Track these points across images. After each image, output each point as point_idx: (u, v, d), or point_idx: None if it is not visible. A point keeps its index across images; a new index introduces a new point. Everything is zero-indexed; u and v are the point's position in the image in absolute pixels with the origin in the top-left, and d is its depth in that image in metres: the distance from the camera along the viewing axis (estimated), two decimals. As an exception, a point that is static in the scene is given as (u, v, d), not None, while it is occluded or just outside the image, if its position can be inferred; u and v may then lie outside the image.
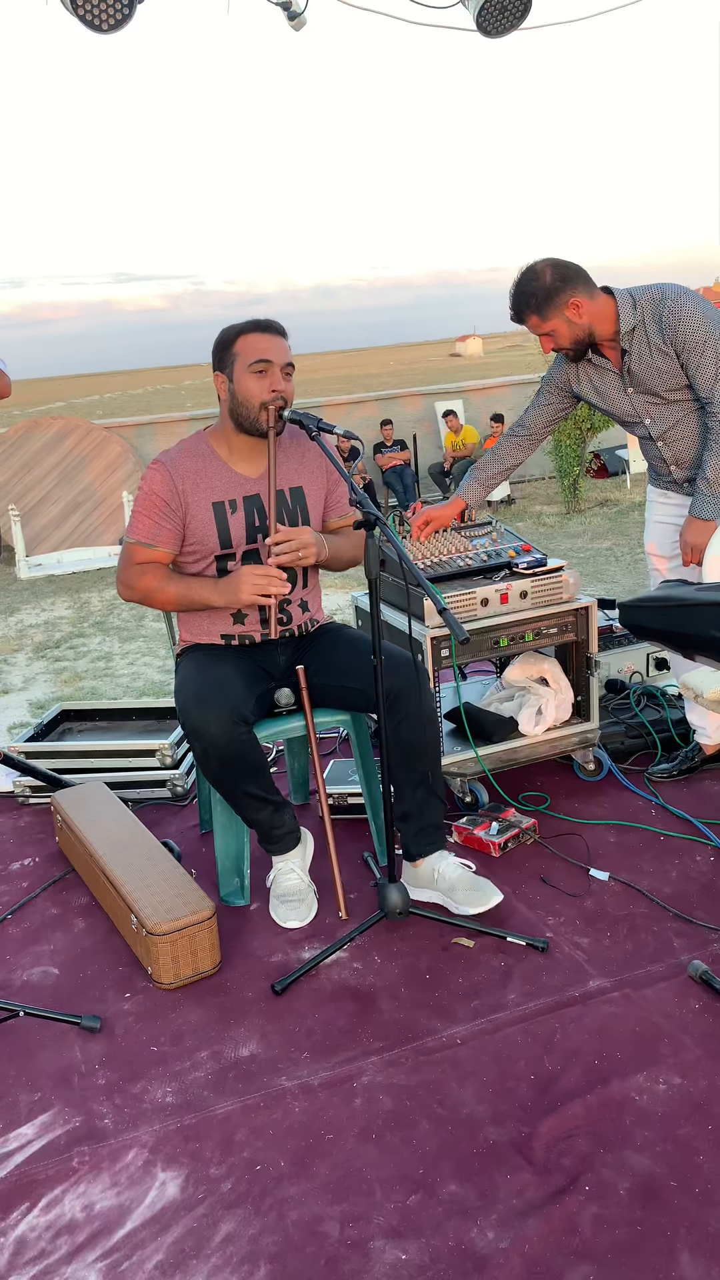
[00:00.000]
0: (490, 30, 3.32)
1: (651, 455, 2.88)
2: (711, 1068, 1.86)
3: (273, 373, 2.35)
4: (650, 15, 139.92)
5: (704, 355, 2.55)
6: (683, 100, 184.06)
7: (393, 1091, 1.88)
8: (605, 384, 2.79)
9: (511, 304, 2.68)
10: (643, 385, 2.70)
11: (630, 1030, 1.98)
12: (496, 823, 2.75)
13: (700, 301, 2.59)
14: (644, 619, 1.77)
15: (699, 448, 2.72)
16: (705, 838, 2.66)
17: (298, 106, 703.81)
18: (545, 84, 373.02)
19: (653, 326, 2.60)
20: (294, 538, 2.37)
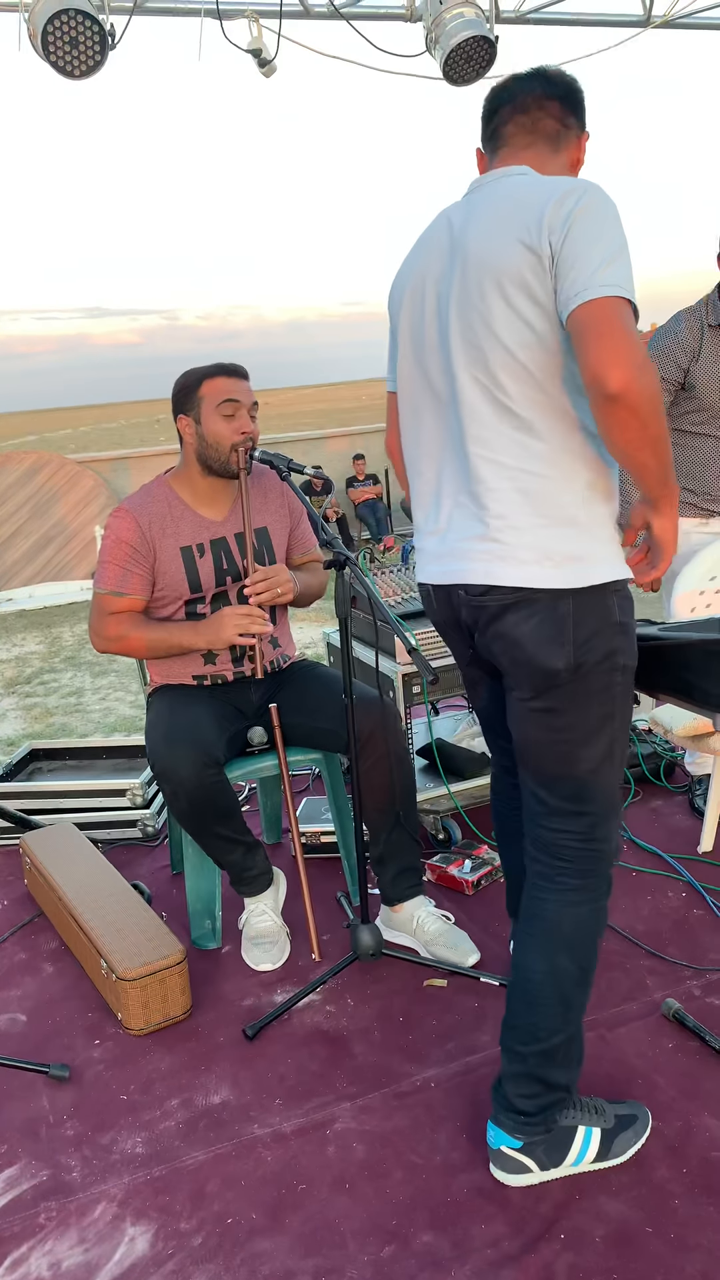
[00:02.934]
0: (456, 79, 3.39)
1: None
2: (685, 1108, 1.85)
3: (241, 414, 2.36)
4: (608, 65, 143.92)
5: None
6: (642, 141, 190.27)
7: (366, 1138, 1.85)
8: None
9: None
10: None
11: (604, 1071, 1.97)
12: (470, 860, 2.75)
13: None
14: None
15: None
16: (676, 873, 2.67)
17: (269, 145, 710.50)
18: None
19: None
20: (272, 575, 2.38)
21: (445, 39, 3.29)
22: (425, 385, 1.68)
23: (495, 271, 1.50)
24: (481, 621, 1.63)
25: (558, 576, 1.54)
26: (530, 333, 1.49)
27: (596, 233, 1.43)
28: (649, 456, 1.46)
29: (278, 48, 3.35)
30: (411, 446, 1.76)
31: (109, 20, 3.29)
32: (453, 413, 1.62)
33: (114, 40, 3.31)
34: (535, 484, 1.55)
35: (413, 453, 1.76)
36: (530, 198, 1.49)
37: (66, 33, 3.18)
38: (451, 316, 1.58)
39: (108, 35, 3.27)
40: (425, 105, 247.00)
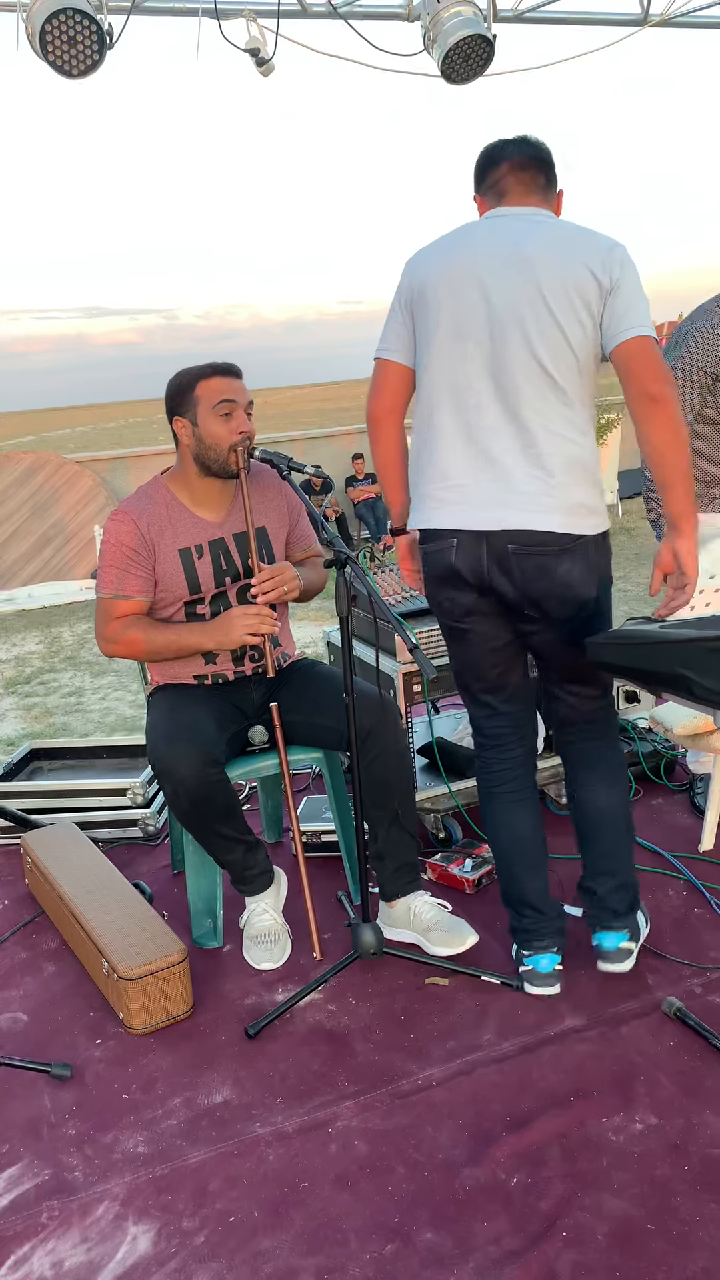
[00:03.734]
0: (454, 77, 3.39)
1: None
2: (687, 1106, 1.85)
3: (238, 413, 2.36)
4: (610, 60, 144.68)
5: None
6: (650, 134, 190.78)
7: (368, 1137, 1.85)
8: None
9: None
10: None
11: (606, 1069, 1.97)
12: (470, 859, 2.75)
13: None
14: (610, 656, 1.78)
15: None
16: (677, 871, 2.67)
17: (267, 144, 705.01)
18: (514, 122, 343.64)
19: None
20: (278, 573, 2.39)
21: (443, 38, 3.29)
22: (475, 360, 1.97)
23: (567, 284, 1.90)
24: (527, 567, 1.98)
25: (591, 525, 1.98)
26: (583, 332, 1.92)
27: (638, 285, 1.92)
28: (680, 456, 1.87)
29: (275, 47, 3.36)
30: (445, 412, 2.02)
31: (107, 20, 3.29)
32: (511, 386, 1.95)
33: (112, 40, 3.31)
34: (575, 451, 1.95)
35: (444, 417, 2.02)
36: (587, 238, 1.93)
37: (64, 32, 3.18)
38: (520, 309, 1.92)
39: (105, 34, 3.27)
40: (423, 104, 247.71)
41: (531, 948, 2.21)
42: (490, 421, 1.97)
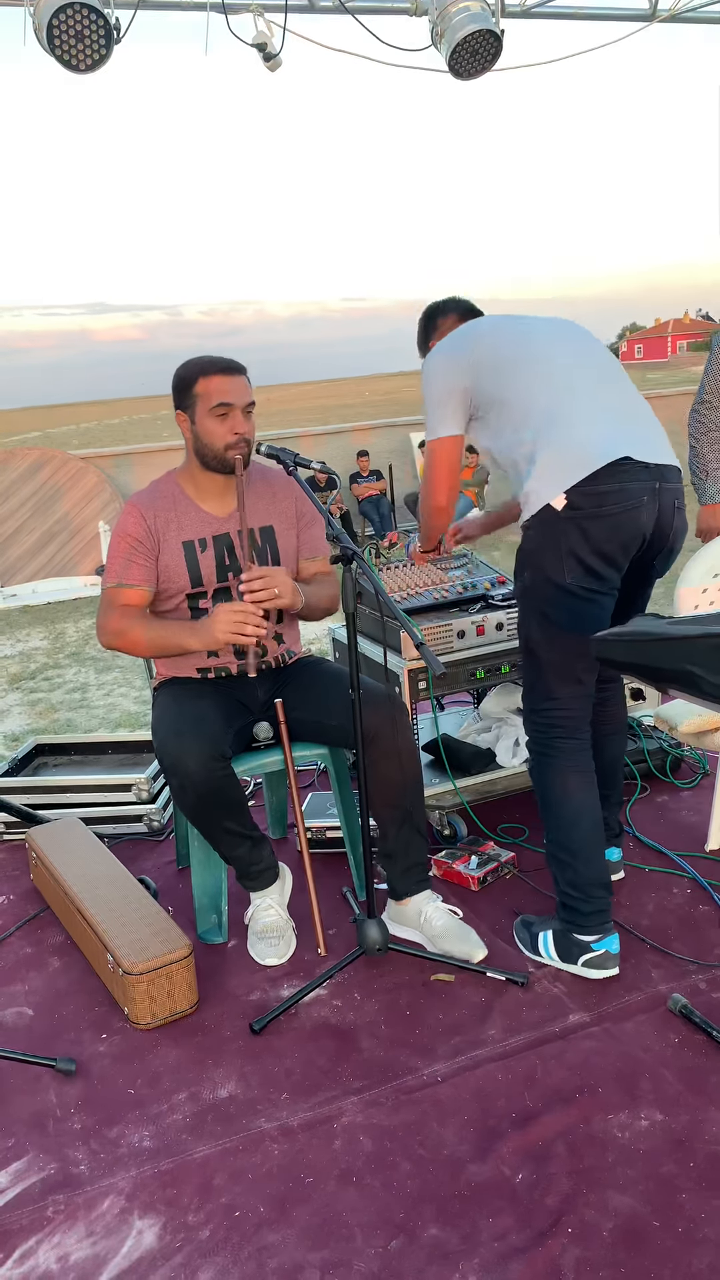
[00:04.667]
0: (462, 72, 3.38)
1: None
2: (692, 1102, 1.85)
3: (234, 415, 2.35)
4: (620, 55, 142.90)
5: None
6: (653, 131, 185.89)
7: (373, 1132, 1.86)
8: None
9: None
10: None
11: (611, 1065, 1.97)
12: (476, 856, 2.75)
13: None
14: (616, 653, 1.77)
15: None
16: (681, 870, 2.66)
17: (273, 140, 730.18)
18: (518, 119, 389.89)
19: None
20: (267, 574, 2.34)
21: (451, 33, 3.28)
22: (582, 369, 2.25)
23: (597, 342, 2.37)
24: (678, 500, 2.19)
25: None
26: None
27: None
28: None
29: (283, 41, 3.35)
30: (572, 393, 2.21)
31: (114, 14, 3.28)
32: (612, 374, 2.29)
33: (119, 34, 3.31)
34: None
35: (573, 396, 2.21)
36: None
37: (71, 27, 3.18)
38: (600, 350, 2.35)
39: (113, 29, 3.26)
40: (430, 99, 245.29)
41: (603, 930, 2.22)
42: (613, 401, 2.39)
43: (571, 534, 2.10)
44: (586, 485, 2.09)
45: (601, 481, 2.08)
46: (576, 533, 2.10)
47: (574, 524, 2.10)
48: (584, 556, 2.11)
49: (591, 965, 2.21)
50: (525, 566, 2.23)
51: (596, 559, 2.11)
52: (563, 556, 2.12)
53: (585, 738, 2.29)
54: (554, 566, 2.14)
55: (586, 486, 2.09)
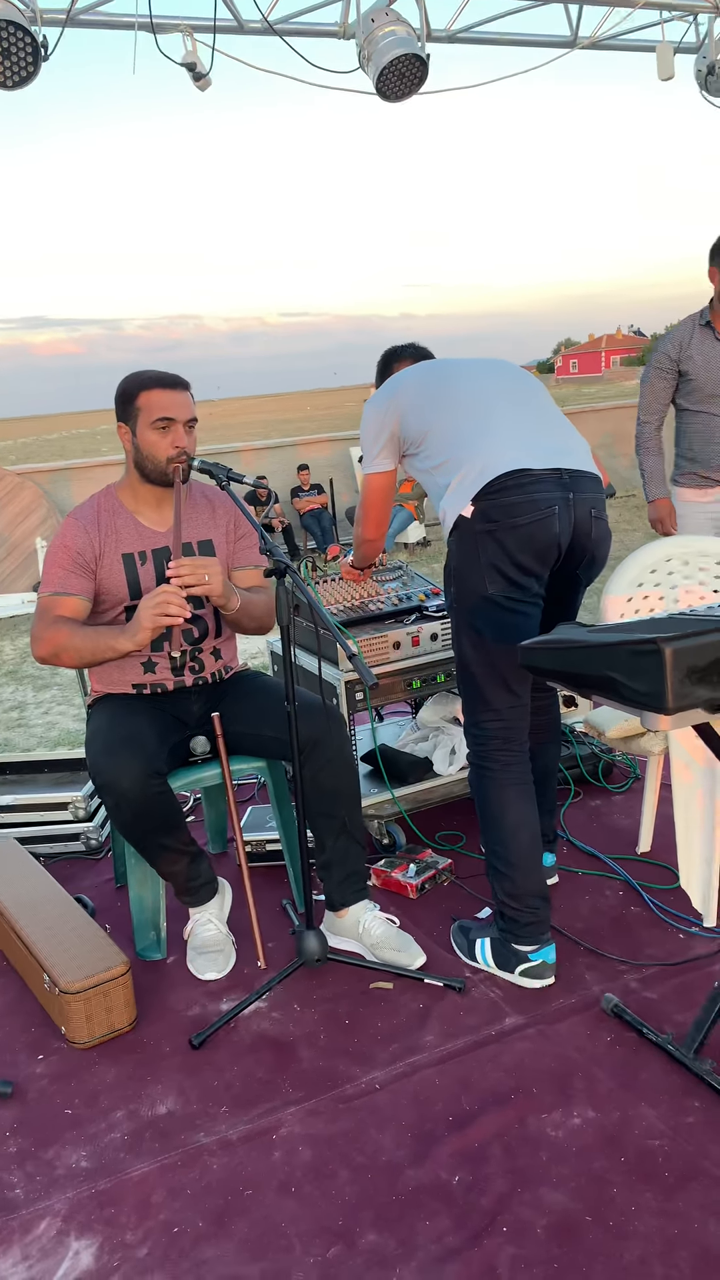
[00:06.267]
0: (390, 95, 3.44)
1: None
2: (624, 1099, 1.89)
3: (175, 429, 2.37)
4: (545, 80, 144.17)
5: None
6: (583, 151, 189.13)
7: (312, 1142, 1.87)
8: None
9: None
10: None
11: (545, 1066, 2.00)
12: (414, 864, 2.78)
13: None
14: (542, 661, 1.81)
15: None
16: (613, 872, 2.72)
17: (211, 154, 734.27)
18: (450, 138, 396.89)
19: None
20: (197, 561, 2.29)
21: (378, 56, 3.34)
22: (495, 396, 2.35)
23: (522, 373, 2.48)
24: (596, 509, 2.26)
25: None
26: None
27: None
28: None
29: (212, 62, 3.38)
30: (484, 417, 2.30)
31: (41, 32, 3.28)
32: (528, 397, 2.40)
33: (47, 51, 3.31)
34: None
35: (483, 420, 2.30)
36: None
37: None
38: (518, 377, 2.45)
39: (40, 46, 3.26)
40: (366, 116, 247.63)
41: (539, 940, 2.26)
42: (531, 418, 2.51)
43: (489, 547, 2.16)
44: (494, 497, 2.16)
45: (510, 493, 2.15)
46: (493, 545, 2.16)
47: (490, 536, 2.16)
48: (503, 568, 2.16)
49: (528, 975, 2.25)
50: (450, 582, 2.29)
51: (515, 569, 2.16)
52: (483, 569, 2.18)
53: (523, 749, 2.33)
54: (476, 579, 2.19)
55: (495, 498, 2.16)
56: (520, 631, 2.19)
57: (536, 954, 2.25)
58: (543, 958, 2.25)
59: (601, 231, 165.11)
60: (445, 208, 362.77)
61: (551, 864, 2.67)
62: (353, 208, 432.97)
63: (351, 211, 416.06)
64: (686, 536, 2.93)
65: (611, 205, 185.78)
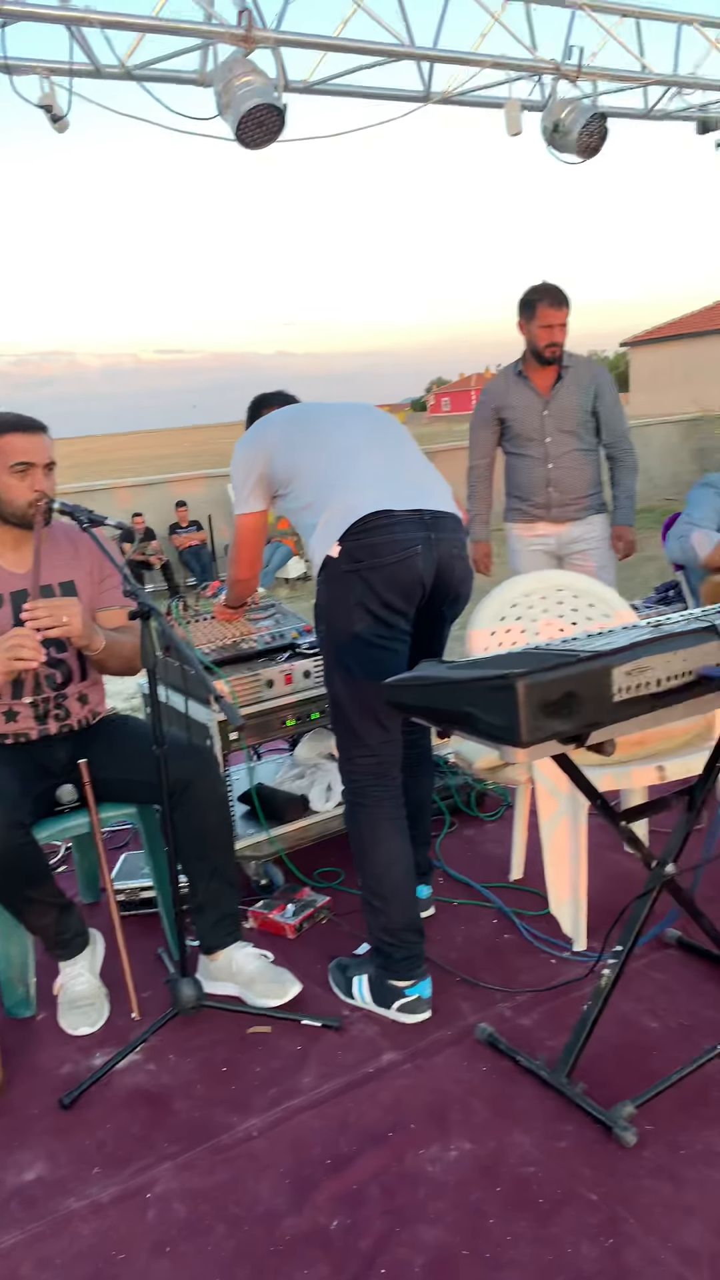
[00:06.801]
0: (249, 142, 3.50)
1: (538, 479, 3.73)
2: (499, 1128, 1.92)
3: (34, 473, 2.33)
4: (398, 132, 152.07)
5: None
6: (450, 196, 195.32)
7: (187, 1197, 1.82)
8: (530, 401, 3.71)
9: (564, 295, 3.61)
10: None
11: (422, 1101, 2.01)
12: (292, 904, 2.76)
13: None
14: (405, 697, 1.85)
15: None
16: (488, 901, 2.77)
17: (82, 190, 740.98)
18: (324, 181, 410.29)
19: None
20: (54, 603, 2.26)
21: (236, 105, 3.40)
22: (359, 439, 2.41)
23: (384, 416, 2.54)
24: (457, 548, 2.31)
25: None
26: None
27: None
28: None
29: (69, 104, 3.37)
30: (348, 460, 2.35)
31: None
32: (391, 440, 2.46)
33: None
34: None
35: (348, 463, 2.35)
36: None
37: None
38: (381, 422, 2.51)
39: None
40: (239, 160, 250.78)
41: (414, 975, 2.27)
42: (392, 457, 2.59)
43: (356, 586, 2.20)
44: (359, 538, 2.20)
45: (374, 534, 2.19)
46: (360, 584, 2.20)
47: (356, 576, 2.20)
48: (370, 606, 2.20)
49: (405, 1010, 2.27)
50: (320, 620, 2.31)
51: (382, 608, 2.20)
52: (351, 608, 2.21)
53: (396, 783, 2.36)
54: (345, 618, 2.22)
55: (360, 539, 2.20)
56: (389, 668, 2.23)
57: (413, 989, 2.27)
58: (419, 992, 2.27)
59: (468, 274, 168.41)
60: (321, 249, 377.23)
61: (427, 896, 2.70)
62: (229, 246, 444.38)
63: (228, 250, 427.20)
64: (546, 571, 3.04)
65: (479, 249, 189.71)
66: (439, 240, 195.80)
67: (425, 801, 2.65)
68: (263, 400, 2.81)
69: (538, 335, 3.62)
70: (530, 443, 3.74)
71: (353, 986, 2.36)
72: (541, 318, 3.59)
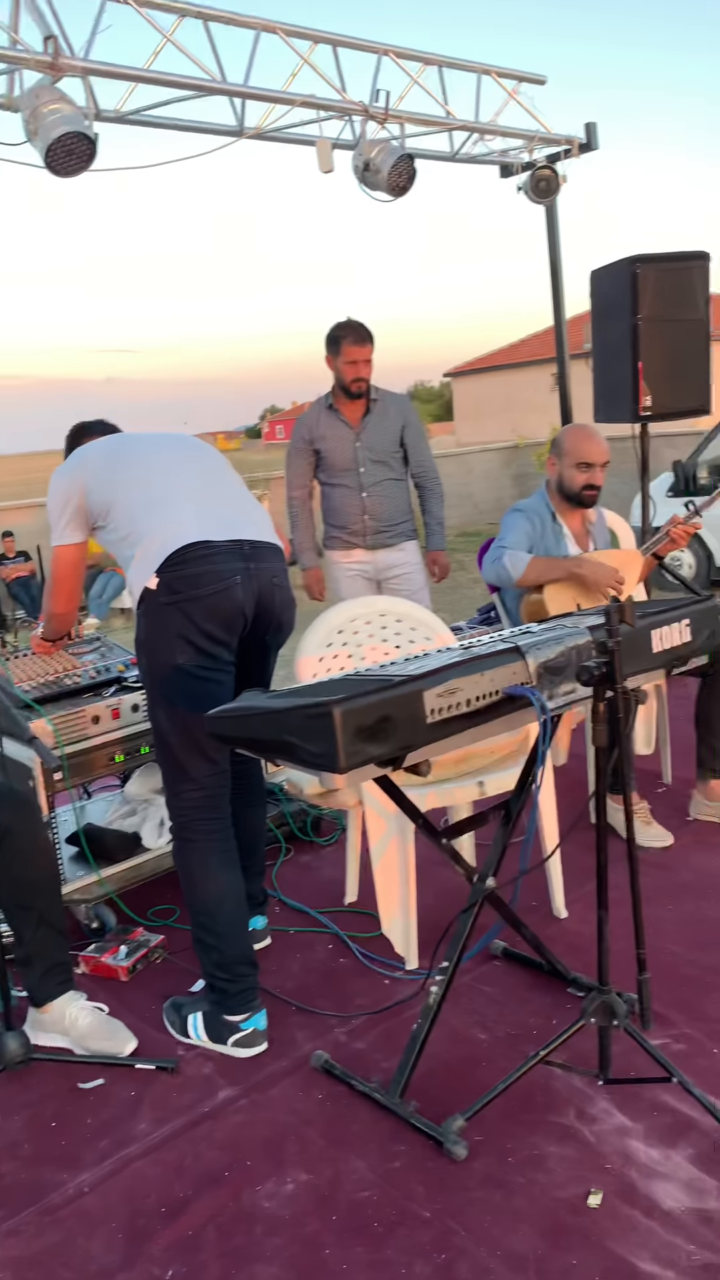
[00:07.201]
0: (60, 170, 3.44)
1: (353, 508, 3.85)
2: (334, 1155, 1.92)
3: None
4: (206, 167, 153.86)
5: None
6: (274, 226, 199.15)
7: (13, 1266, 1.73)
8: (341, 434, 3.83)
9: (367, 332, 3.76)
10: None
11: (259, 1136, 1.99)
12: (125, 945, 2.69)
13: None
14: (227, 728, 1.84)
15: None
16: (324, 927, 2.78)
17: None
18: (161, 206, 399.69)
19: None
20: None
21: (44, 132, 3.33)
22: (176, 470, 2.41)
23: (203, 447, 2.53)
24: (277, 578, 2.32)
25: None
26: None
27: None
28: None
29: None
30: (165, 491, 2.35)
31: None
32: (209, 470, 2.45)
33: None
34: None
35: (164, 494, 2.34)
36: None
37: None
38: (199, 452, 2.50)
39: None
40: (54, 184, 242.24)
41: (249, 1008, 2.25)
42: (208, 487, 2.59)
43: (175, 618, 2.18)
44: (177, 569, 2.19)
45: (192, 565, 2.18)
46: (180, 616, 2.18)
47: (176, 608, 2.18)
48: (191, 637, 2.19)
49: (241, 1044, 2.24)
50: (142, 654, 2.28)
51: (203, 639, 2.19)
52: (171, 640, 2.19)
53: (225, 815, 2.34)
54: (166, 651, 2.20)
55: (177, 570, 2.19)
56: (214, 700, 2.21)
57: (248, 1022, 2.25)
58: (254, 1025, 2.25)
59: (298, 303, 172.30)
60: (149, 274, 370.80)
61: (263, 926, 2.69)
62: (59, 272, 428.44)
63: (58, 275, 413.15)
64: (370, 597, 3.10)
65: (308, 279, 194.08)
66: (270, 270, 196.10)
67: (258, 832, 2.64)
68: (82, 429, 2.76)
69: (344, 371, 3.76)
70: (345, 473, 3.86)
71: (188, 1025, 2.32)
72: (346, 354, 3.74)
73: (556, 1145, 1.88)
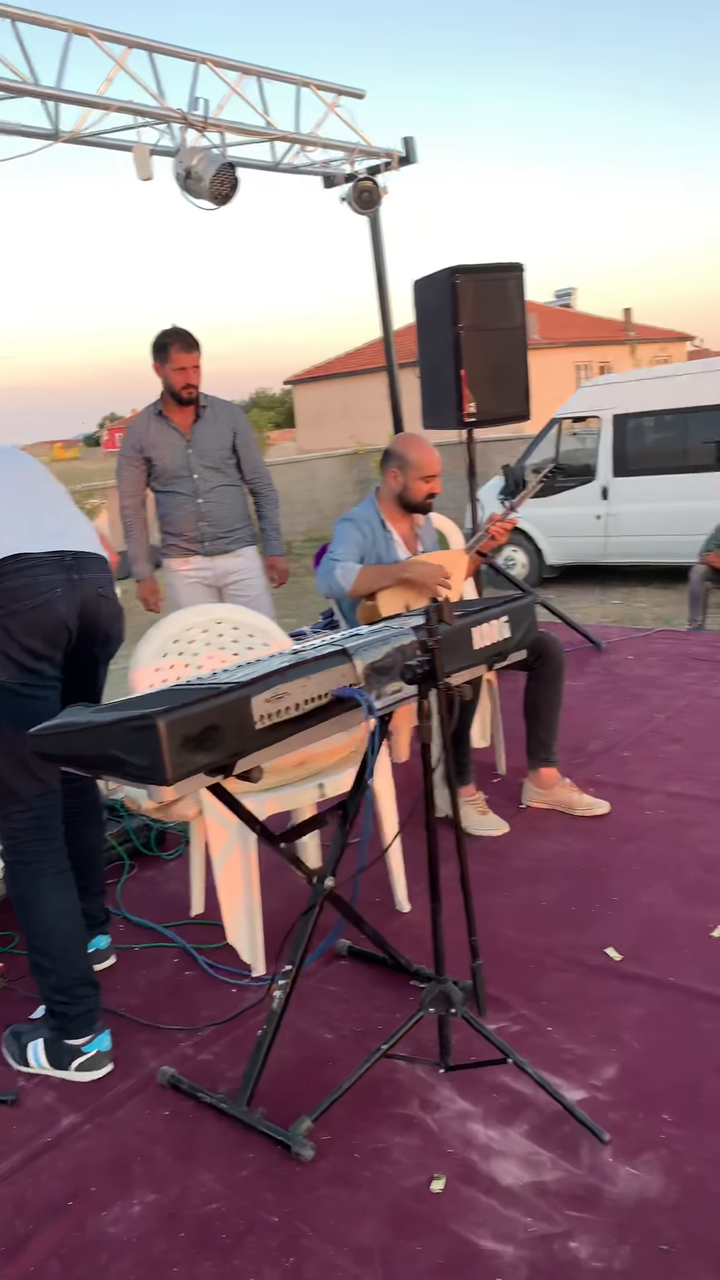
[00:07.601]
0: None
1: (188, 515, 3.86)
2: (181, 1171, 1.90)
3: None
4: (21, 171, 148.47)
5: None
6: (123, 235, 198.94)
7: None
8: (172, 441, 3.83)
9: (194, 339, 3.75)
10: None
11: (104, 1160, 1.95)
12: (-43, 977, 2.58)
13: None
14: (50, 746, 1.79)
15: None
16: (170, 940, 2.74)
17: None
18: None
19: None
20: None
21: None
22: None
23: (23, 457, 2.45)
24: (102, 589, 2.27)
25: None
26: None
27: None
28: None
29: None
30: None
31: None
32: (28, 481, 2.37)
33: None
34: None
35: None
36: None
37: None
38: (17, 462, 2.40)
39: None
40: None
41: (91, 1030, 2.20)
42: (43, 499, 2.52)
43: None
44: None
45: (9, 578, 2.12)
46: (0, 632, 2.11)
47: None
48: (12, 654, 2.12)
49: (84, 1068, 2.19)
50: None
51: (25, 655, 2.13)
52: None
53: (57, 837, 2.27)
54: None
55: None
56: (38, 717, 2.14)
57: (90, 1044, 2.19)
58: (97, 1046, 2.20)
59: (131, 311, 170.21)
60: None
61: (106, 946, 2.63)
62: None
63: None
64: (206, 605, 3.08)
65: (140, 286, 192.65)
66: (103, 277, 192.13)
67: (95, 850, 2.58)
68: None
69: (173, 378, 3.75)
70: (178, 479, 3.85)
71: (28, 1053, 2.24)
72: (175, 360, 3.73)
73: (400, 1136, 1.92)
